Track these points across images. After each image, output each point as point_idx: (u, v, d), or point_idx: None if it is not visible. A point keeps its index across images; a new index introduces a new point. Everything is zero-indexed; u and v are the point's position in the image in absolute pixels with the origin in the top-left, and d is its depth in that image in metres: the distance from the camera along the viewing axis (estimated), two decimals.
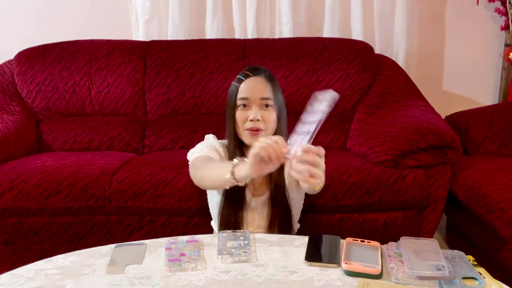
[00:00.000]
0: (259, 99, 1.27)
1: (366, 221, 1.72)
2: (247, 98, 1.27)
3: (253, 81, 1.29)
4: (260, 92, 1.28)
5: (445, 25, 2.55)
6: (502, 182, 1.65)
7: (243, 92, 1.28)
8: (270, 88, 1.29)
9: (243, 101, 1.28)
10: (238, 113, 1.28)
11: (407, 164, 1.69)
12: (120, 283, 0.95)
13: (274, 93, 1.30)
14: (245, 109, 1.28)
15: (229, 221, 1.29)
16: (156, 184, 1.68)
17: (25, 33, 2.54)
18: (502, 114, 2.10)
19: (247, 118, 1.27)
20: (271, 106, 1.28)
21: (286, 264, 1.02)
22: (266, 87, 1.29)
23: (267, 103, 1.27)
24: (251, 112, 1.26)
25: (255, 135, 1.26)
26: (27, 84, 2.24)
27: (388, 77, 2.19)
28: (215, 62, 2.22)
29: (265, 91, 1.28)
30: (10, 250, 1.76)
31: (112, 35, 2.36)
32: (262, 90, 1.28)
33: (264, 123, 1.27)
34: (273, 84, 1.31)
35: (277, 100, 1.31)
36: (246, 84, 1.29)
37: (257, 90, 1.28)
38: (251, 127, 1.26)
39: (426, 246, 1.03)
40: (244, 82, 1.29)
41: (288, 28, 2.44)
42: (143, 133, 2.18)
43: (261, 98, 1.27)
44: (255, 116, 1.25)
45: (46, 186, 1.68)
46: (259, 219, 1.33)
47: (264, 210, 1.33)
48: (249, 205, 1.33)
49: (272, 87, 1.30)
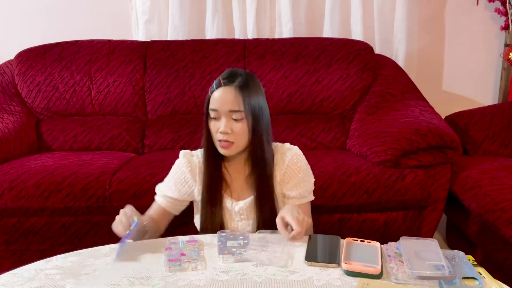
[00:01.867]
0: (227, 111, 1.22)
1: (366, 221, 1.72)
2: (216, 110, 1.23)
3: (223, 92, 1.22)
4: (229, 104, 1.21)
5: (445, 25, 2.55)
6: (502, 182, 1.65)
7: (213, 103, 1.23)
8: (241, 99, 1.22)
9: (213, 112, 1.24)
10: (210, 123, 1.26)
11: (407, 164, 1.69)
12: (120, 283, 0.95)
13: (245, 103, 1.22)
14: (216, 121, 1.24)
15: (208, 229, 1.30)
16: (156, 184, 1.68)
17: (25, 33, 2.54)
18: (502, 114, 2.10)
19: (217, 129, 1.24)
20: (241, 118, 1.23)
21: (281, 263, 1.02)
22: (237, 98, 1.21)
23: (235, 117, 1.22)
24: (221, 124, 1.23)
25: (226, 148, 1.24)
26: (27, 84, 2.24)
27: (388, 77, 2.19)
28: (215, 62, 2.22)
29: (234, 102, 1.21)
30: (10, 250, 1.76)
31: (112, 35, 2.36)
32: (232, 102, 1.21)
33: (234, 135, 1.23)
34: (245, 93, 1.22)
35: (251, 109, 1.23)
36: (216, 94, 1.23)
37: (226, 102, 1.21)
38: (221, 139, 1.23)
39: (426, 246, 1.03)
40: (215, 92, 1.24)
41: (288, 28, 2.43)
42: (143, 133, 2.18)
43: (229, 111, 1.22)
44: (224, 129, 1.22)
45: (46, 186, 1.68)
46: (244, 225, 1.31)
47: (251, 214, 1.31)
48: (231, 211, 1.31)
49: (243, 97, 1.21)
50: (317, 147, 2.06)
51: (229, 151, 1.25)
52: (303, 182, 1.32)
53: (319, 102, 2.17)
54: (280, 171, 1.30)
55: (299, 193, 1.31)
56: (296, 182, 1.31)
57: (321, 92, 2.16)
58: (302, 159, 1.33)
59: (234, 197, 1.32)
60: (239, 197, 1.32)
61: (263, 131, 1.27)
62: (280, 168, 1.31)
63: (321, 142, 2.07)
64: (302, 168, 1.31)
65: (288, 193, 1.31)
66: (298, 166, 1.31)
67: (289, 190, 1.31)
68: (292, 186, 1.31)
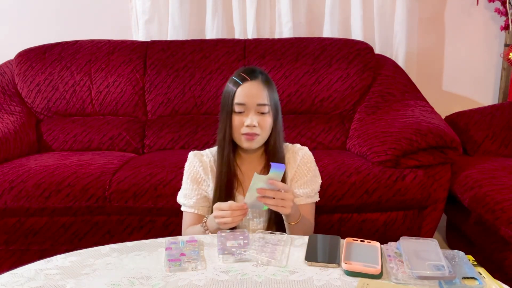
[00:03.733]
0: (256, 105, 1.25)
1: (366, 221, 1.72)
2: (243, 104, 1.25)
3: (250, 86, 1.26)
4: (257, 98, 1.25)
5: (445, 25, 2.55)
6: (502, 182, 1.65)
7: (240, 98, 1.25)
8: (267, 93, 1.27)
9: (240, 106, 1.25)
10: (234, 117, 1.27)
11: (407, 164, 1.69)
12: (120, 283, 0.95)
13: (270, 97, 1.28)
14: (242, 115, 1.26)
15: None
16: (156, 184, 1.68)
17: (25, 33, 2.54)
18: (502, 114, 2.10)
19: (243, 123, 1.25)
20: (268, 112, 1.27)
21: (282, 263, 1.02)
22: (263, 92, 1.26)
23: (263, 110, 1.26)
24: (247, 118, 1.25)
25: (251, 140, 1.26)
26: (27, 84, 2.24)
27: (388, 77, 2.19)
28: (215, 62, 2.22)
29: (262, 96, 1.26)
30: (10, 250, 1.76)
31: (112, 35, 2.36)
32: (259, 96, 1.26)
33: (260, 128, 1.26)
34: (269, 88, 1.29)
35: (273, 103, 1.29)
36: (243, 89, 1.25)
37: (254, 96, 1.25)
38: (248, 132, 1.25)
39: (426, 246, 1.03)
40: (241, 87, 1.26)
41: (288, 28, 2.44)
42: (143, 133, 2.18)
43: (258, 105, 1.25)
44: (252, 122, 1.24)
45: (46, 186, 1.68)
46: (255, 222, 1.32)
47: (263, 212, 1.32)
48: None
49: (268, 91, 1.28)
50: (317, 147, 2.06)
51: (253, 143, 1.27)
52: (311, 182, 1.33)
53: (319, 102, 2.17)
54: (291, 169, 1.33)
55: (306, 193, 1.32)
56: (304, 181, 1.33)
57: (321, 92, 2.16)
58: (312, 160, 1.35)
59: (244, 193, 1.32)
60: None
61: (280, 128, 1.32)
62: (291, 167, 1.33)
63: (321, 142, 2.07)
64: (312, 168, 1.34)
65: (295, 191, 1.32)
66: (308, 166, 1.34)
67: (297, 189, 1.32)
68: (300, 185, 1.32)
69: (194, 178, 1.34)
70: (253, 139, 1.26)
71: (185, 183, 1.36)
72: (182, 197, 1.36)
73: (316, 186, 1.35)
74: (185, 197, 1.35)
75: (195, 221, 1.32)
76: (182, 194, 1.36)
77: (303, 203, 1.32)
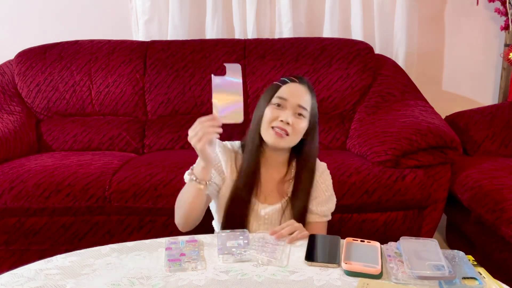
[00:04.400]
0: (296, 105, 1.24)
1: (366, 221, 1.72)
2: (285, 99, 1.24)
3: (296, 87, 1.27)
4: (300, 99, 1.25)
5: (445, 25, 2.55)
6: (502, 182, 1.65)
7: (283, 93, 1.25)
8: (310, 99, 1.27)
9: (280, 100, 1.24)
10: (269, 109, 1.24)
11: (407, 164, 1.69)
12: (120, 283, 0.95)
13: (312, 104, 1.28)
14: (279, 109, 1.23)
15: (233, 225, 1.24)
16: (156, 184, 1.68)
17: (25, 33, 2.54)
18: (502, 114, 2.10)
19: (277, 117, 1.22)
20: (304, 117, 1.25)
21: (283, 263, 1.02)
22: (307, 96, 1.27)
23: (301, 112, 1.24)
24: (283, 113, 1.22)
25: (278, 137, 1.22)
26: (27, 84, 2.24)
27: (388, 77, 2.19)
28: (215, 62, 2.22)
29: (305, 99, 1.26)
30: (10, 250, 1.76)
31: (112, 35, 2.36)
32: (303, 98, 1.25)
33: (292, 129, 1.23)
34: (313, 96, 1.29)
35: (313, 112, 1.28)
36: (289, 87, 1.26)
37: (298, 96, 1.25)
38: (279, 126, 1.22)
39: (426, 246, 1.03)
40: (287, 85, 1.27)
41: (288, 28, 2.44)
42: (143, 133, 2.18)
43: (298, 105, 1.24)
44: (286, 118, 1.21)
45: (46, 186, 1.68)
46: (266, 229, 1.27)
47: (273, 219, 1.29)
48: (257, 213, 1.28)
49: (312, 98, 1.28)
50: None
51: (281, 141, 1.23)
52: (328, 201, 1.33)
53: (319, 102, 2.14)
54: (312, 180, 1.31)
55: (322, 211, 1.32)
56: (322, 200, 1.32)
57: (321, 92, 2.16)
58: (330, 178, 1.35)
59: (261, 199, 1.30)
60: (265, 200, 1.30)
61: (316, 139, 1.30)
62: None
63: (321, 142, 2.07)
64: (330, 187, 1.34)
65: (311, 208, 1.31)
66: (327, 185, 1.33)
67: (313, 206, 1.31)
68: (318, 203, 1.31)
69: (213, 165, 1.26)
70: (281, 136, 1.22)
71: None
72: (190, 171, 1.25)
73: (332, 206, 1.34)
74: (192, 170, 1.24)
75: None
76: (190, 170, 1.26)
77: (317, 221, 1.31)
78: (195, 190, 1.17)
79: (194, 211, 1.22)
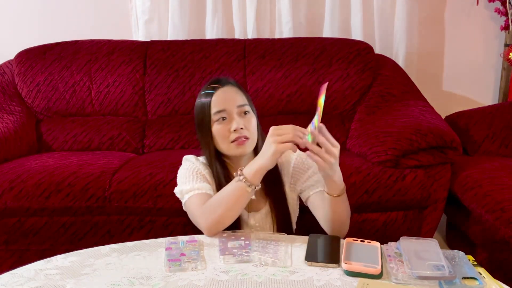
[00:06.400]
0: (236, 107, 1.22)
1: (366, 221, 1.72)
2: (224, 110, 1.21)
3: (225, 91, 1.23)
4: (235, 101, 1.23)
5: (445, 25, 2.55)
6: (502, 182, 1.65)
7: (218, 105, 1.21)
8: (243, 94, 1.25)
9: (220, 113, 1.21)
10: (216, 127, 1.22)
11: (407, 164, 1.69)
12: (120, 283, 0.95)
13: (247, 98, 1.26)
14: (224, 122, 1.21)
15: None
16: (156, 184, 1.68)
17: (25, 33, 2.54)
18: (502, 114, 2.10)
19: (229, 130, 1.20)
20: (250, 112, 1.24)
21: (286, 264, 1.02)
22: (238, 93, 1.24)
23: (244, 109, 1.23)
24: (232, 123, 1.20)
25: (242, 144, 1.21)
26: (27, 84, 2.24)
27: (388, 77, 2.19)
28: (215, 62, 2.22)
29: (239, 98, 1.24)
30: (10, 250, 1.76)
31: (112, 35, 2.36)
32: (237, 98, 1.23)
33: (247, 130, 1.21)
34: (242, 90, 1.27)
35: (251, 104, 1.27)
36: (218, 96, 1.22)
37: (232, 99, 1.22)
38: (237, 137, 1.20)
39: (426, 246, 1.03)
40: (214, 95, 1.22)
41: (288, 28, 2.44)
42: (143, 133, 2.18)
43: (238, 106, 1.22)
44: (238, 125, 1.20)
45: (46, 186, 1.68)
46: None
47: (266, 225, 1.28)
48: (247, 223, 1.27)
49: (243, 92, 1.26)
50: None
51: (246, 147, 1.22)
52: (314, 174, 1.26)
53: None
54: (288, 174, 1.29)
55: (316, 180, 1.24)
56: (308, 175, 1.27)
57: None
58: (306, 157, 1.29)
59: (247, 208, 1.26)
60: (251, 208, 1.28)
61: (261, 129, 1.28)
62: (287, 172, 1.30)
63: None
64: (310, 164, 1.28)
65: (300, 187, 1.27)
66: (305, 164, 1.28)
67: (303, 183, 1.27)
68: (305, 179, 1.27)
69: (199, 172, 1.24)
70: (244, 143, 1.21)
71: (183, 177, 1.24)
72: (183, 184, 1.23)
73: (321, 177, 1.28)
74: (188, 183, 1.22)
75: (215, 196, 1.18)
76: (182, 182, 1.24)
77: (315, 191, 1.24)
78: (241, 191, 1.10)
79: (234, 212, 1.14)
